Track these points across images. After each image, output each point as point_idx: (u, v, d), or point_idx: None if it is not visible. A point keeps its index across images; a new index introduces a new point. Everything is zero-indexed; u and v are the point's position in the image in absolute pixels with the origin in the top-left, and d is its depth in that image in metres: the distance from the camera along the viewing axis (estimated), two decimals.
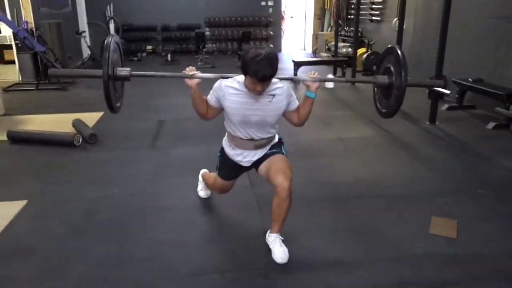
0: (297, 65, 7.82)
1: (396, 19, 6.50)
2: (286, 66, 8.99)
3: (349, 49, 9.02)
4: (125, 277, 2.18)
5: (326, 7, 11.70)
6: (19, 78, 7.75)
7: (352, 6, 9.77)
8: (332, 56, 8.89)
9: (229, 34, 11.90)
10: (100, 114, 5.41)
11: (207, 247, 2.46)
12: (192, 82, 2.18)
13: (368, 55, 8.35)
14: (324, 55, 9.97)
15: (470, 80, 5.27)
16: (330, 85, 7.12)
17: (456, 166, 3.75)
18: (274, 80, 2.15)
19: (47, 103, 6.23)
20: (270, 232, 2.37)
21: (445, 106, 5.52)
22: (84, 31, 10.17)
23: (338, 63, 8.21)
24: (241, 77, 2.16)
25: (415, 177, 3.47)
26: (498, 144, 4.19)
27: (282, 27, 12.61)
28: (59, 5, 9.25)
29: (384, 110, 2.58)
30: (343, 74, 8.05)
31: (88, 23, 10.74)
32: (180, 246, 2.46)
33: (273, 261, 2.27)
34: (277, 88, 2.19)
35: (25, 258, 2.36)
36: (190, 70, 2.17)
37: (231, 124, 2.28)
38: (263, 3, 12.20)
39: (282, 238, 2.34)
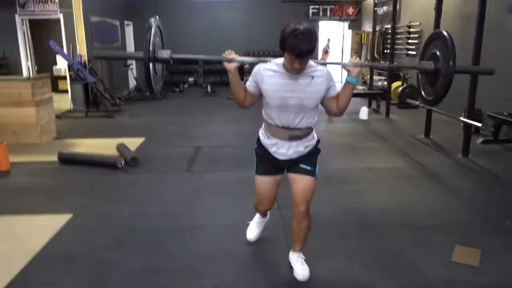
0: None
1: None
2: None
3: (385, 83, 9.11)
4: (158, 285, 2.36)
5: (363, 41, 11.91)
6: (70, 106, 8.36)
7: (388, 41, 9.91)
8: (368, 89, 9.00)
9: None
10: (141, 139, 5.77)
11: (232, 262, 2.61)
12: (231, 66, 2.17)
13: (403, 89, 8.41)
14: (360, 88, 10.09)
15: (506, 113, 5.23)
16: (364, 117, 7.22)
17: (486, 198, 3.73)
18: (314, 63, 2.13)
19: (94, 129, 6.70)
20: (292, 251, 2.48)
21: (480, 140, 5.48)
22: (131, 64, 10.85)
23: (373, 95, 8.30)
24: (280, 60, 2.12)
25: (443, 208, 3.49)
26: None
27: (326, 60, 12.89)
28: (110, 40, 9.99)
29: (429, 98, 2.51)
30: (378, 107, 8.13)
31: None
32: (208, 260, 2.62)
33: (294, 278, 2.38)
34: (317, 70, 2.13)
35: (70, 265, 2.60)
36: (229, 54, 2.19)
37: (268, 110, 2.22)
38: None
39: (304, 257, 2.45)
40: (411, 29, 8.85)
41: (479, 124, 4.39)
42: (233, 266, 2.57)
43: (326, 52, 11.71)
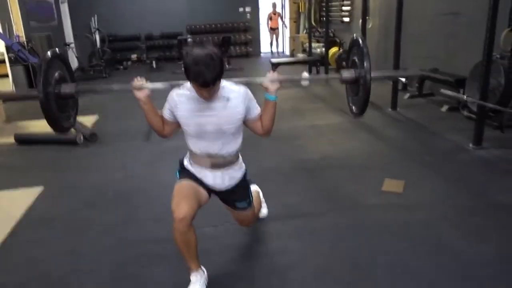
0: (275, 66, 8.42)
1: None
2: (265, 68, 9.58)
3: (323, 49, 9.65)
4: (134, 232, 2.72)
5: (300, 10, 12.37)
6: (13, 89, 8.16)
7: (324, 9, 10.43)
8: (307, 56, 9.52)
9: (209, 40, 12.46)
10: (95, 117, 5.91)
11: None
12: (142, 94, 1.99)
13: (339, 54, 8.99)
14: (301, 56, 10.61)
15: (427, 70, 5.93)
16: (305, 83, 7.72)
17: (411, 142, 4.38)
18: (228, 83, 1.99)
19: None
20: None
21: (407, 95, 6.17)
22: (72, 43, 10.62)
23: (313, 62, 8.84)
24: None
25: (374, 152, 4.09)
26: (449, 123, 4.83)
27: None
28: (46, 19, 9.70)
29: (355, 109, 2.40)
30: (317, 72, 8.68)
31: (75, 35, 11.17)
32: (160, 215, 2.99)
33: None
34: (233, 91, 1.98)
35: (51, 225, 2.88)
36: (138, 81, 2.00)
37: (188, 138, 2.08)
38: (241, 9, 12.84)
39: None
40: None
41: (403, 79, 5.00)
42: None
43: (270, 18, 11.96)
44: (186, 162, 2.17)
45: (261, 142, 3.30)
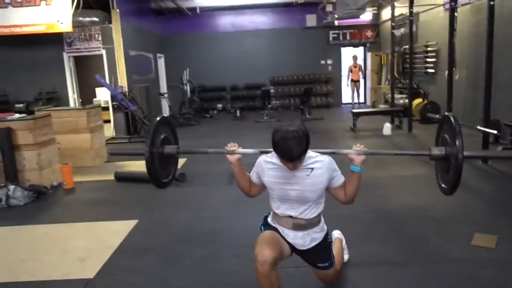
0: (356, 115, 8.47)
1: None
2: (345, 117, 9.64)
3: (406, 100, 9.53)
4: (220, 267, 2.87)
5: (382, 62, 12.42)
6: (113, 134, 9.10)
7: (407, 61, 10.39)
8: (390, 106, 9.44)
9: (291, 90, 12.94)
10: (184, 160, 6.35)
11: None
12: (233, 158, 2.21)
13: (424, 105, 8.82)
14: (382, 106, 10.54)
15: None
16: (387, 132, 7.66)
17: (504, 196, 4.12)
18: (313, 153, 2.12)
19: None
20: None
21: (500, 148, 5.83)
22: (166, 93, 11.65)
23: (395, 113, 8.74)
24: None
25: (462, 205, 3.89)
26: None
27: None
28: (145, 72, 10.82)
29: (445, 186, 2.34)
30: (400, 123, 8.54)
31: (169, 86, 12.25)
32: (244, 250, 3.11)
33: None
34: (317, 161, 2.11)
35: (145, 255, 3.14)
36: (231, 146, 2.23)
37: (272, 200, 2.25)
38: (323, 62, 13.23)
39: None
40: (428, 48, 9.31)
41: (495, 132, 4.78)
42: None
43: (351, 70, 12.10)
44: (270, 220, 2.32)
45: None
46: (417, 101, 9.16)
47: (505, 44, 6.01)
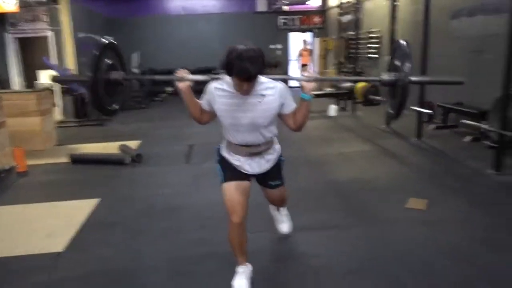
0: None
1: (388, 56, 7.51)
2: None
3: (350, 84, 10.06)
4: (187, 237, 3.10)
5: (329, 47, 12.93)
6: (61, 117, 8.88)
7: (352, 46, 10.93)
8: (335, 89, 9.93)
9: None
10: (138, 142, 6.43)
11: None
12: (184, 85, 2.17)
13: (368, 88, 9.38)
14: (328, 90, 11.03)
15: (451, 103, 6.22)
16: (332, 113, 8.13)
17: (434, 167, 4.67)
18: (266, 79, 2.12)
19: (90, 135, 7.30)
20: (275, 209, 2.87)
21: (432, 126, 6.45)
22: None
23: (341, 95, 9.24)
24: (230, 79, 2.06)
25: (399, 176, 4.38)
26: (471, 152, 5.07)
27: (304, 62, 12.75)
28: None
29: (391, 111, 2.47)
30: (345, 105, 9.06)
31: None
32: (218, 222, 3.37)
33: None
34: (269, 88, 2.11)
35: (112, 228, 3.30)
36: (181, 73, 2.19)
37: (224, 129, 2.27)
38: (272, 46, 13.53)
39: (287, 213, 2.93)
40: (371, 35, 9.87)
41: (429, 111, 5.32)
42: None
43: (301, 54, 12.30)
44: (224, 153, 2.35)
45: (293, 165, 3.69)
46: (361, 84, 9.70)
47: (440, 32, 6.57)
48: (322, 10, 13.64)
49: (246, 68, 1.88)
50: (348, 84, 10.00)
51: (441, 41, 6.54)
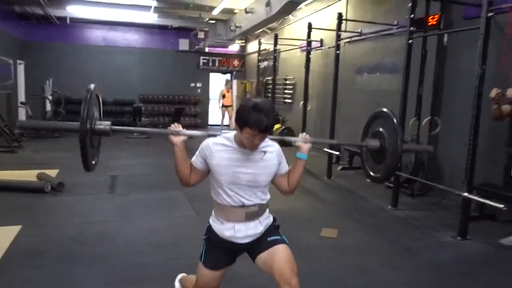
0: None
1: (302, 102, 8.29)
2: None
3: None
4: (122, 262, 3.21)
5: (247, 89, 13.70)
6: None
7: (269, 90, 11.76)
8: None
9: (161, 109, 13.23)
10: (56, 171, 6.25)
11: (158, 248, 3.56)
12: (179, 139, 2.07)
13: (282, 129, 10.15)
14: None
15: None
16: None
17: (343, 203, 5.29)
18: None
19: (1, 162, 6.89)
20: None
21: (340, 167, 7.23)
22: (27, 102, 10.89)
23: None
24: (230, 134, 2.05)
25: (316, 209, 4.91)
26: (373, 190, 5.81)
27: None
28: (4, 78, 10.02)
29: (377, 175, 2.52)
30: None
31: (33, 95, 11.39)
32: (157, 248, 3.53)
33: None
34: (269, 145, 2.09)
35: (40, 255, 3.28)
36: (176, 127, 2.08)
37: (219, 189, 2.07)
38: (192, 84, 13.95)
39: None
40: (287, 81, 10.78)
41: (337, 153, 6.03)
42: (157, 249, 3.53)
43: (224, 95, 12.34)
44: (214, 224, 2.14)
45: None
46: (277, 126, 10.45)
47: (347, 84, 7.51)
48: (241, 55, 14.50)
49: (263, 118, 1.85)
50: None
51: (347, 91, 7.49)
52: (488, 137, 4.60)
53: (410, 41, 4.79)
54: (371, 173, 2.58)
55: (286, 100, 10.82)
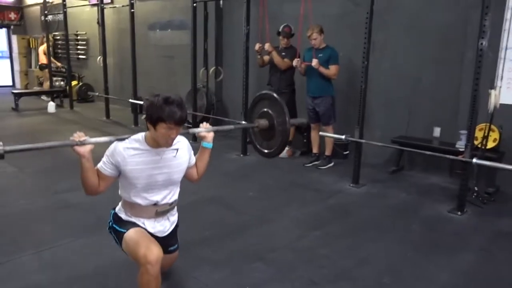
0: (17, 96, 8.87)
1: (100, 57, 8.50)
2: (5, 99, 9.69)
3: (62, 83, 10.55)
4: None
5: (31, 46, 12.70)
6: None
7: (59, 46, 11.33)
8: (50, 88, 10.17)
9: None
10: None
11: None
12: (85, 149, 1.86)
13: (80, 86, 10.17)
14: (37, 89, 11.05)
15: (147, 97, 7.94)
16: (52, 110, 8.63)
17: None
18: None
19: None
20: None
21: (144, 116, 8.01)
22: None
23: (55, 93, 9.68)
24: (138, 136, 1.98)
25: None
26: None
27: None
28: None
29: (269, 150, 2.69)
30: (61, 102, 9.56)
31: None
32: None
33: None
34: (178, 141, 2.04)
35: None
36: (79, 136, 1.87)
37: (132, 190, 2.02)
38: None
39: None
40: (78, 37, 10.62)
41: (141, 102, 6.81)
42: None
43: (38, 53, 10.99)
44: (123, 215, 2.11)
45: None
46: (74, 83, 10.37)
47: (141, 39, 8.13)
48: (19, 7, 13.16)
49: (176, 111, 1.82)
50: (62, 83, 10.49)
51: (142, 47, 8.18)
52: (257, 80, 6.12)
53: (195, 4, 5.84)
54: (265, 150, 2.75)
55: (80, 56, 10.72)
